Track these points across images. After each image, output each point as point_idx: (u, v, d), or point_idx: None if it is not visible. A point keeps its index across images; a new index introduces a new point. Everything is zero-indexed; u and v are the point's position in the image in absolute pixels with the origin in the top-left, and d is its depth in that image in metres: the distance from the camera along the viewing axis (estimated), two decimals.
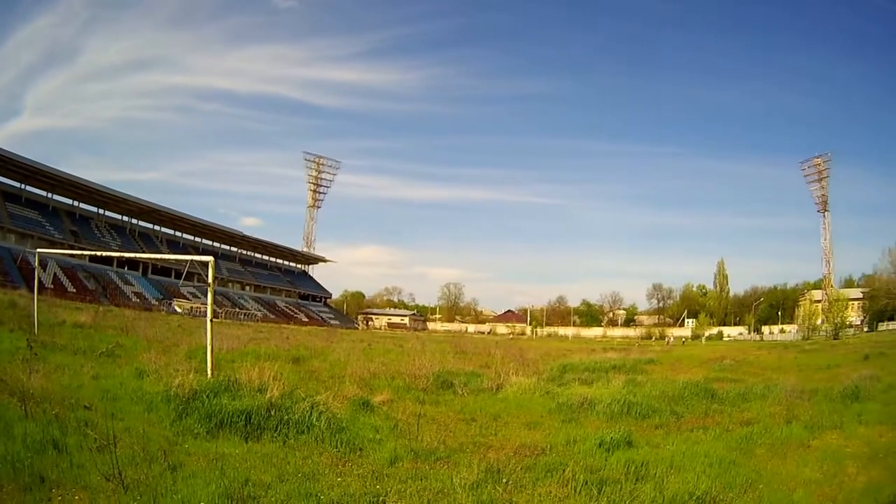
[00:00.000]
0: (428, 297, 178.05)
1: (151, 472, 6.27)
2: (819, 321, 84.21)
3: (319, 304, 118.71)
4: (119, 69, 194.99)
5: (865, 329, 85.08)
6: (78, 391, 10.07)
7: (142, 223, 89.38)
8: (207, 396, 9.91)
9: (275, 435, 8.86)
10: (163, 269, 79.15)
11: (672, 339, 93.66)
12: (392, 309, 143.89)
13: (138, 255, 58.39)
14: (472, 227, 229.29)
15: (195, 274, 55.66)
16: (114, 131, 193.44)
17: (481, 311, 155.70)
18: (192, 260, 15.70)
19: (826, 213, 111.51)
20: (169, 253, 70.04)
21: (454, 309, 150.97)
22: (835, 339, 66.81)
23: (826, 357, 34.29)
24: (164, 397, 9.97)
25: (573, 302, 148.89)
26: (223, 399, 9.80)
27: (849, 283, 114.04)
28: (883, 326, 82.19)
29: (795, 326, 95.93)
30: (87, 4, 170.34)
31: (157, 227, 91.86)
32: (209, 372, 12.31)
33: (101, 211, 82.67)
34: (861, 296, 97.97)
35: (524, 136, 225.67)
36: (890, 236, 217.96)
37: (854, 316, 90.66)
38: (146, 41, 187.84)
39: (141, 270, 78.47)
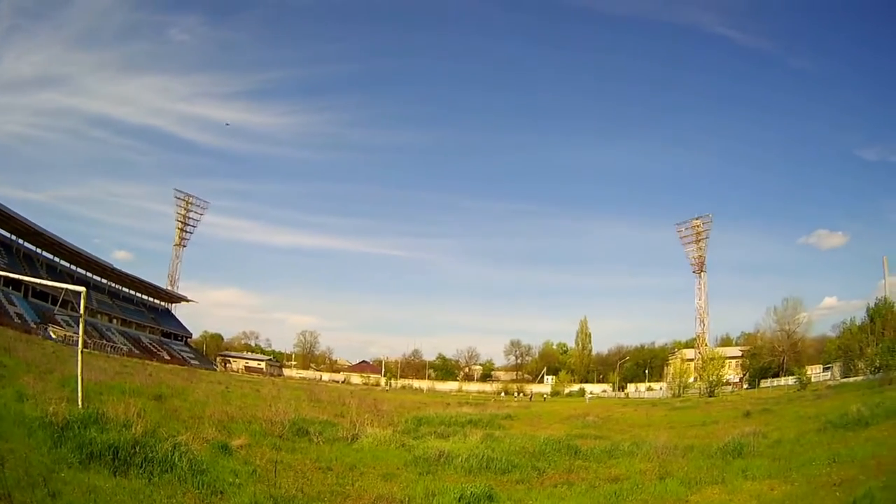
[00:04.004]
0: (284, 343, 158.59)
1: (35, 497, 6.06)
2: (692, 379, 75.03)
3: (181, 343, 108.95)
4: (27, 84, 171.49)
5: (745, 386, 75.09)
6: None
7: (27, 244, 78.08)
8: (79, 427, 9.37)
9: (140, 471, 8.31)
10: (42, 294, 69.00)
11: (532, 394, 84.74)
12: (249, 353, 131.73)
13: (21, 276, 52.56)
14: (332, 275, 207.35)
15: (69, 302, 51.07)
16: (13, 147, 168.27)
17: (336, 361, 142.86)
18: (66, 288, 14.87)
19: (703, 273, 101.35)
20: (48, 278, 63.15)
21: (309, 357, 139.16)
22: (710, 396, 58.34)
23: (700, 414, 30.12)
24: (41, 423, 9.29)
25: (429, 356, 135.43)
26: (92, 431, 9.25)
27: (725, 342, 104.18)
28: (766, 383, 71.39)
29: (665, 384, 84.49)
30: (11, 13, 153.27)
31: (38, 251, 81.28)
32: (80, 402, 11.62)
33: None
34: (740, 354, 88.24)
35: (390, 187, 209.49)
36: (765, 295, 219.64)
37: (732, 374, 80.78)
38: (54, 58, 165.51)
39: (23, 292, 68.28)
